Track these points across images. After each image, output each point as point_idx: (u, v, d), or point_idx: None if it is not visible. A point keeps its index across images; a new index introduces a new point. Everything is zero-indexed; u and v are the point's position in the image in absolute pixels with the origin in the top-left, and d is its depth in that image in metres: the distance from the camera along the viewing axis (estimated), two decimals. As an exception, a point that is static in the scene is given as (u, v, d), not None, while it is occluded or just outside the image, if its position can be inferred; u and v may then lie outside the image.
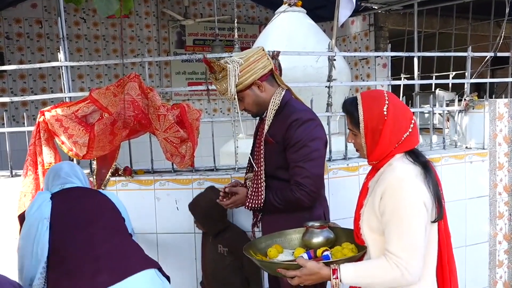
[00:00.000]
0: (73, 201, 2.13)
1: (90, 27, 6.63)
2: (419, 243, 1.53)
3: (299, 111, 2.13)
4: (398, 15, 6.86)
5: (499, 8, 4.84)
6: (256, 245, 1.92)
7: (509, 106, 3.38)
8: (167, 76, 7.09)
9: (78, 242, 1.94)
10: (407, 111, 1.68)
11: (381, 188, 1.59)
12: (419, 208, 1.54)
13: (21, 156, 2.73)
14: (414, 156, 1.65)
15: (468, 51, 3.43)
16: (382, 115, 1.62)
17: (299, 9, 3.79)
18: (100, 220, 2.07)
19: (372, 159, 1.69)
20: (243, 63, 2.10)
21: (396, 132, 1.63)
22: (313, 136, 2.09)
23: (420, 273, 1.55)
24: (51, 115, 2.52)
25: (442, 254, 1.66)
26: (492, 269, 3.43)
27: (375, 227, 1.63)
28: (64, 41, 2.76)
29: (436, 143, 3.54)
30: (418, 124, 3.44)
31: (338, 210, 2.58)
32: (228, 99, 2.16)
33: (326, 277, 1.59)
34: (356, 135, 1.71)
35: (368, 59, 6.82)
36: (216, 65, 2.10)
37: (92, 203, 2.16)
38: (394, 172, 1.59)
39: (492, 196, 3.37)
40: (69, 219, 2.02)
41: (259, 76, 2.14)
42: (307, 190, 2.04)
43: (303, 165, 2.05)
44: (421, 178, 1.57)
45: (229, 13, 7.16)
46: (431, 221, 1.59)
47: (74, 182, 2.25)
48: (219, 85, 2.14)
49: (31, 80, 6.31)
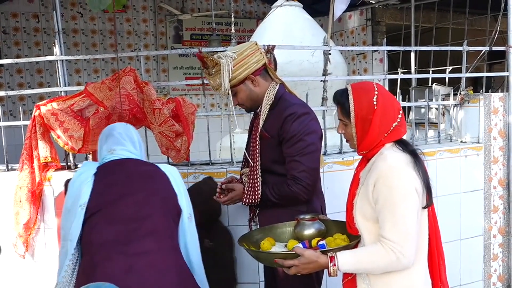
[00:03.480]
0: (115, 189, 1.89)
1: (87, 22, 6.61)
2: (412, 228, 1.58)
3: (294, 105, 2.13)
4: (396, 9, 6.86)
5: (496, 3, 4.84)
6: (249, 238, 1.94)
7: (504, 100, 3.39)
8: (165, 71, 7.08)
9: (110, 242, 1.77)
10: (395, 102, 1.73)
11: (374, 176, 1.63)
12: (411, 194, 1.58)
13: (17, 150, 2.74)
14: (403, 145, 1.70)
15: (464, 45, 3.43)
16: (372, 104, 1.67)
17: (295, 3, 3.80)
18: (145, 221, 1.83)
19: (362, 149, 1.73)
20: (237, 58, 2.09)
21: (385, 122, 1.68)
22: (309, 130, 2.09)
23: (414, 257, 1.60)
24: (47, 109, 2.52)
25: (431, 239, 1.72)
26: (487, 263, 3.45)
27: (369, 215, 1.67)
28: (60, 35, 2.76)
29: (432, 137, 3.55)
30: (414, 118, 3.46)
31: (334, 204, 2.58)
32: (222, 94, 2.16)
33: (324, 265, 1.63)
34: (346, 125, 1.75)
35: (365, 54, 6.83)
36: (209, 60, 2.09)
37: (139, 195, 1.88)
38: (386, 160, 1.62)
39: (487, 190, 3.39)
40: (108, 210, 1.84)
41: (253, 70, 2.14)
42: (303, 184, 2.05)
43: (299, 159, 2.06)
44: (411, 166, 1.62)
45: (227, 8, 7.15)
46: (422, 207, 1.64)
47: (125, 146, 2.05)
48: (213, 80, 2.13)
49: (28, 75, 6.30)
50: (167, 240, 1.85)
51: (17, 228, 2.60)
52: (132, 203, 1.85)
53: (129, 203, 1.85)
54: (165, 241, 1.84)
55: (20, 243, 2.63)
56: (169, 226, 1.90)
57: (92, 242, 1.77)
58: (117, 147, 2.05)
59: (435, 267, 1.73)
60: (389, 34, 6.87)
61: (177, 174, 2.06)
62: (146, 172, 2.00)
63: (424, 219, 1.68)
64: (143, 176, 1.98)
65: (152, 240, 1.80)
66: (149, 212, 1.86)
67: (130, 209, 1.84)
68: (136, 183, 1.93)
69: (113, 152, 2.03)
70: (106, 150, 2.06)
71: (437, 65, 6.33)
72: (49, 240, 2.69)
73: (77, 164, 2.82)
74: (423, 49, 3.73)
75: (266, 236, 1.95)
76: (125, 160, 2.01)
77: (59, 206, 2.63)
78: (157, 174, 2.00)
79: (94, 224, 1.80)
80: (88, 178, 1.90)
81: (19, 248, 2.64)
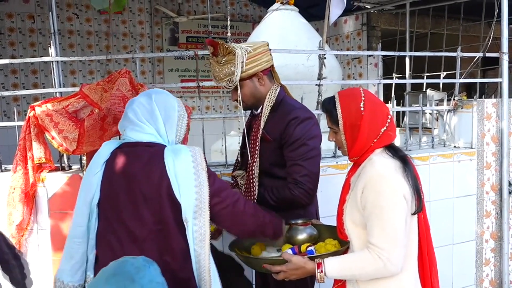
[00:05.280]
0: (118, 181, 1.70)
1: (83, 23, 6.61)
2: (400, 234, 1.57)
3: (297, 109, 2.14)
4: (391, 15, 6.91)
5: (490, 9, 4.88)
6: (241, 243, 1.95)
7: (497, 106, 3.42)
8: (160, 73, 7.08)
9: (110, 243, 1.71)
10: (383, 107, 1.73)
11: (362, 182, 1.63)
12: (399, 201, 1.58)
13: (11, 151, 2.73)
14: (393, 151, 1.70)
15: (458, 51, 3.46)
16: (359, 110, 1.68)
17: (291, 7, 3.82)
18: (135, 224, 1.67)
19: (353, 155, 1.74)
20: (252, 52, 2.08)
21: (373, 127, 1.68)
22: (311, 134, 2.10)
23: (401, 264, 1.60)
24: (42, 110, 2.52)
25: (422, 245, 1.72)
26: (479, 267, 3.47)
27: (358, 221, 1.67)
28: (55, 36, 2.76)
29: (425, 142, 3.57)
30: (408, 123, 3.48)
31: (327, 207, 2.59)
32: (227, 85, 2.10)
33: (311, 271, 1.64)
34: (336, 133, 1.76)
35: (360, 58, 6.86)
36: (223, 47, 2.05)
37: (136, 191, 1.67)
38: (374, 166, 1.63)
39: (479, 195, 3.41)
40: (111, 203, 1.72)
41: (263, 68, 2.14)
42: (305, 188, 2.04)
43: (302, 163, 2.05)
44: (400, 172, 1.62)
45: (223, 11, 7.18)
46: (411, 213, 1.63)
47: (136, 124, 1.75)
48: (220, 69, 2.09)
49: (22, 76, 6.29)
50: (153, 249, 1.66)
51: (10, 229, 2.58)
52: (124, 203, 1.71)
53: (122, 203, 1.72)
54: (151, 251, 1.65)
55: (13, 244, 2.62)
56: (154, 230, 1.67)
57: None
58: (127, 126, 1.78)
59: (426, 274, 1.73)
60: (384, 39, 6.92)
61: (181, 163, 1.67)
62: (149, 167, 1.68)
63: (413, 225, 1.68)
64: (144, 172, 1.68)
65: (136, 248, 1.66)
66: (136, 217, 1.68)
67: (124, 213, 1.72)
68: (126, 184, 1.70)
69: (123, 133, 1.81)
70: (120, 128, 1.83)
71: (431, 71, 6.37)
72: (42, 242, 2.67)
73: (71, 166, 2.81)
74: (417, 54, 3.77)
75: (258, 241, 1.97)
76: (128, 149, 1.75)
77: (52, 208, 2.63)
78: (151, 171, 1.67)
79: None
80: (98, 168, 1.75)
81: (12, 249, 2.63)
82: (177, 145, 1.77)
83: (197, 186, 1.65)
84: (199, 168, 1.67)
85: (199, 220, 1.65)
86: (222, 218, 1.74)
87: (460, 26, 6.59)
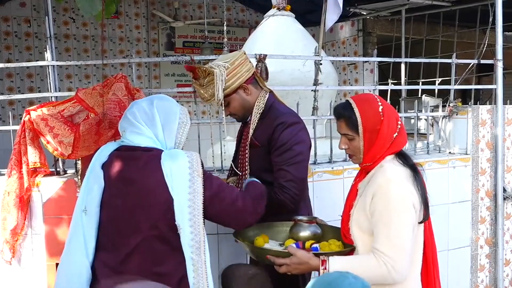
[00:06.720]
0: (115, 184, 1.70)
1: (79, 27, 6.61)
2: (406, 243, 1.57)
3: (284, 114, 2.14)
4: (386, 21, 6.95)
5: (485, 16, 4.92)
6: (245, 232, 1.95)
7: (491, 112, 3.43)
8: (156, 77, 7.08)
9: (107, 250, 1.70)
10: (395, 112, 1.73)
11: (372, 189, 1.62)
12: (408, 209, 1.58)
13: (6, 155, 2.72)
14: (403, 159, 1.69)
15: (453, 57, 3.48)
16: (379, 115, 1.66)
17: (288, 13, 3.82)
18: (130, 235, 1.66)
19: (366, 161, 1.71)
20: (230, 67, 2.09)
21: (390, 132, 1.67)
22: (298, 139, 2.10)
23: (406, 272, 1.59)
24: (37, 114, 2.51)
25: (427, 254, 1.71)
26: (474, 273, 3.48)
27: (365, 227, 1.66)
28: (51, 40, 2.76)
29: (420, 148, 3.58)
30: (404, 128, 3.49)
31: (322, 213, 2.59)
32: (215, 105, 2.13)
33: (315, 267, 1.63)
34: (352, 139, 1.71)
35: (356, 64, 6.89)
36: (201, 70, 2.07)
37: (132, 195, 1.66)
38: (385, 173, 1.62)
39: (474, 201, 3.42)
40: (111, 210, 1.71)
41: (245, 79, 2.14)
42: (290, 193, 2.04)
43: (287, 168, 2.05)
44: (410, 180, 1.62)
45: (219, 16, 7.19)
46: (418, 222, 1.63)
47: (135, 127, 1.74)
48: (205, 91, 2.10)
49: (18, 79, 6.27)
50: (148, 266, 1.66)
51: (4, 233, 2.57)
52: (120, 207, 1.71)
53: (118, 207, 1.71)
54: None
55: (7, 249, 2.60)
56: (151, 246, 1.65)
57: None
58: (127, 128, 1.77)
59: (431, 281, 1.72)
60: (380, 45, 6.95)
61: (178, 169, 1.66)
62: (146, 172, 1.67)
63: (420, 234, 1.67)
64: (139, 178, 1.67)
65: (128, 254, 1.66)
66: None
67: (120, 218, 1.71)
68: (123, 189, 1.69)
69: (123, 134, 1.79)
70: (120, 129, 1.82)
71: (427, 77, 6.41)
72: (36, 247, 2.66)
73: (66, 170, 2.80)
74: (413, 60, 3.79)
75: (262, 233, 1.97)
76: (126, 153, 1.74)
77: (47, 212, 2.61)
78: (149, 179, 1.66)
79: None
80: (96, 168, 1.75)
81: (6, 254, 2.61)
82: (175, 150, 1.76)
83: (191, 193, 1.65)
84: (195, 174, 1.67)
85: (194, 228, 1.65)
86: (222, 218, 1.78)
87: (455, 32, 6.63)
